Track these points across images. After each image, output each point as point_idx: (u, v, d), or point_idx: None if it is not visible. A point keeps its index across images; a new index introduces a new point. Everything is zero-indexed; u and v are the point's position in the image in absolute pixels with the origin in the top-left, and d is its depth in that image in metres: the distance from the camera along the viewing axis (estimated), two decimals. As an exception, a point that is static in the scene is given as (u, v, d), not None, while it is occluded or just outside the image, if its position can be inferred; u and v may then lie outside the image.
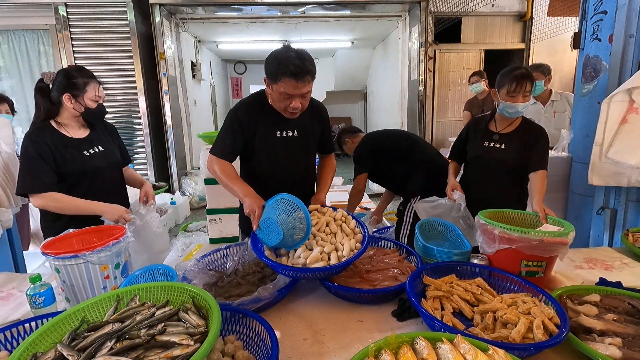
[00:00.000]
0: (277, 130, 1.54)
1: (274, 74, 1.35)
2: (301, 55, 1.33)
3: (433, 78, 5.54)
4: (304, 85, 1.35)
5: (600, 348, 0.88)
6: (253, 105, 1.53)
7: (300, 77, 1.32)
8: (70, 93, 1.54)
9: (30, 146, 1.48)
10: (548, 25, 5.13)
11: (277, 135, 1.54)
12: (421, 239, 1.44)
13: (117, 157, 1.74)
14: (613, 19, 2.09)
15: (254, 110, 1.52)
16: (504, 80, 1.72)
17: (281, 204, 1.26)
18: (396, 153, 2.28)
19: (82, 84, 1.55)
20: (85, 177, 1.58)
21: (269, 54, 1.39)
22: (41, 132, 1.53)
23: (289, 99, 1.39)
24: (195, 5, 5.05)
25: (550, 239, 1.14)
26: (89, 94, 1.57)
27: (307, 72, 1.33)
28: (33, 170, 1.47)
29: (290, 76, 1.31)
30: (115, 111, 5.11)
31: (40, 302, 1.10)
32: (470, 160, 1.94)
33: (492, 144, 1.83)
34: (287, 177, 1.60)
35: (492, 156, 1.82)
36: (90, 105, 1.59)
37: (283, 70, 1.31)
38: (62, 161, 1.52)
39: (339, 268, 1.20)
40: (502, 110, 1.75)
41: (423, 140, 2.45)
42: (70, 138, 1.58)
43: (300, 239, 1.25)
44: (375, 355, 0.76)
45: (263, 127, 1.52)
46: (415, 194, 2.24)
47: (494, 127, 1.85)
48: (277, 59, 1.34)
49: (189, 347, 0.74)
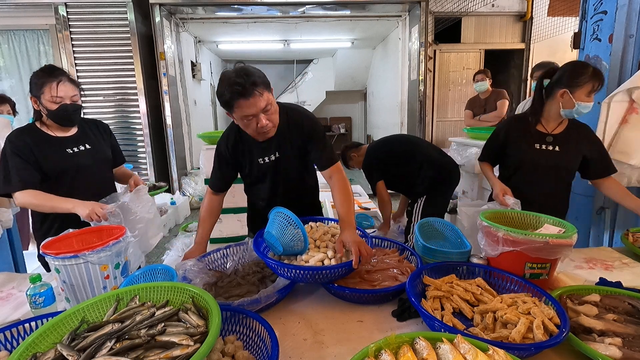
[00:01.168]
0: (259, 158, 1.49)
1: (226, 103, 1.26)
2: (240, 71, 1.23)
3: (433, 78, 5.54)
4: (256, 100, 1.23)
5: (600, 348, 0.88)
6: (229, 138, 1.50)
7: (248, 93, 1.21)
8: (33, 95, 1.51)
9: (8, 146, 1.48)
10: (548, 25, 5.13)
11: (260, 162, 1.49)
12: (421, 239, 1.44)
13: (106, 156, 1.72)
14: (613, 19, 2.09)
15: (232, 144, 1.49)
16: (583, 80, 1.57)
17: (278, 218, 1.27)
18: (398, 157, 2.32)
19: (39, 85, 1.48)
20: (67, 175, 1.57)
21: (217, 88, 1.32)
22: (21, 132, 1.53)
23: (252, 120, 1.29)
24: (195, 5, 5.05)
25: (555, 240, 1.13)
26: (45, 95, 1.48)
27: (253, 85, 1.21)
28: (9, 169, 1.46)
29: (239, 97, 1.22)
30: (115, 111, 5.12)
31: (40, 302, 1.10)
32: (518, 164, 1.78)
33: (545, 146, 1.70)
34: (289, 197, 1.57)
35: (547, 159, 1.70)
36: (49, 107, 1.49)
37: (230, 95, 1.22)
38: (43, 159, 1.51)
39: (343, 267, 1.19)
40: (575, 112, 1.61)
41: (423, 140, 2.48)
42: (52, 137, 1.57)
43: (300, 249, 1.26)
44: (375, 355, 0.75)
45: (245, 157, 1.50)
46: (422, 194, 2.27)
47: (543, 128, 1.72)
48: (221, 85, 1.25)
49: (189, 348, 0.74)
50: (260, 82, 1.24)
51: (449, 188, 2.39)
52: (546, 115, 1.72)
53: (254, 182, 1.60)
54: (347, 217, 1.34)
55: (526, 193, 1.70)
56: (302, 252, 1.26)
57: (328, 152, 1.49)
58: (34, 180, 1.49)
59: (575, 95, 1.59)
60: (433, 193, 2.29)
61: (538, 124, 1.74)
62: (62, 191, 1.54)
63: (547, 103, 1.70)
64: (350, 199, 1.41)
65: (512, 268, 1.20)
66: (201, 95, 7.09)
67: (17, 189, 1.46)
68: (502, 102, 3.72)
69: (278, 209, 1.29)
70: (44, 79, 1.49)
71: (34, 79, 1.50)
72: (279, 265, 1.20)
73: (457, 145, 3.03)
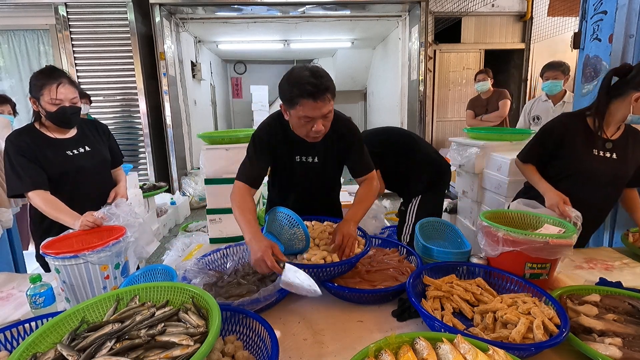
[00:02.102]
0: (297, 155, 1.45)
1: (290, 98, 1.22)
2: (316, 72, 1.20)
3: (433, 78, 5.54)
4: (323, 104, 1.22)
5: (600, 348, 0.88)
6: (274, 126, 1.43)
7: (318, 96, 1.19)
8: (32, 96, 1.51)
9: (10, 147, 1.49)
10: (548, 25, 5.13)
11: (297, 160, 1.46)
12: (421, 239, 1.44)
13: (105, 158, 1.73)
14: (613, 19, 2.09)
15: (275, 132, 1.42)
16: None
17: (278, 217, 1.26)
18: (397, 152, 2.21)
19: (39, 87, 1.48)
20: (68, 177, 1.58)
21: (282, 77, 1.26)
22: (21, 133, 1.54)
23: (309, 123, 1.25)
24: (195, 5, 5.05)
25: (556, 240, 1.13)
26: (45, 97, 1.48)
27: (326, 90, 1.20)
28: (16, 169, 1.47)
29: (308, 97, 1.18)
30: (116, 111, 5.12)
31: (40, 302, 1.10)
32: (573, 170, 1.59)
33: (603, 152, 1.53)
34: (306, 199, 1.56)
35: (605, 168, 1.53)
36: (48, 109, 1.50)
37: (299, 92, 1.19)
38: (44, 160, 1.52)
39: (343, 265, 1.20)
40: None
41: (421, 138, 2.43)
42: (52, 138, 1.58)
43: (301, 247, 1.26)
44: (375, 355, 0.76)
45: (283, 150, 1.43)
46: (418, 193, 2.23)
47: (603, 132, 1.53)
48: (291, 80, 1.22)
49: (189, 348, 0.74)
50: (332, 88, 1.23)
51: (443, 188, 2.36)
52: (608, 116, 1.52)
53: (283, 178, 1.56)
54: (354, 213, 1.38)
55: (575, 203, 1.49)
56: (302, 250, 1.26)
57: (365, 161, 1.50)
58: (43, 180, 1.50)
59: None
60: (429, 193, 2.26)
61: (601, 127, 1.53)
62: (63, 193, 1.54)
63: (613, 104, 1.49)
64: (368, 200, 1.44)
65: (512, 268, 1.20)
66: (201, 95, 7.09)
67: (30, 188, 1.47)
68: (504, 102, 3.71)
69: (279, 208, 1.29)
70: (44, 81, 1.48)
71: (33, 80, 1.50)
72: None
73: (457, 145, 3.03)
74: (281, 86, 1.26)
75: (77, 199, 1.56)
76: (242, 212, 1.30)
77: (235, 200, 1.36)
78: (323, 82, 1.19)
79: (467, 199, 3.00)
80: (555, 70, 2.98)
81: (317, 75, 1.19)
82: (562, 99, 3.06)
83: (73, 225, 1.42)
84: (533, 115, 3.26)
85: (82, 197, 1.60)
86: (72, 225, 1.43)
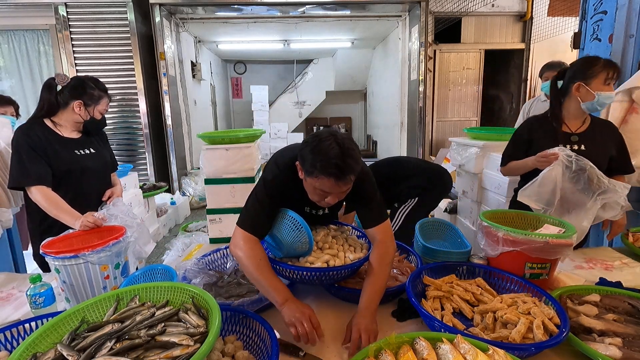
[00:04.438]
0: (306, 206, 1.36)
1: (310, 170, 1.08)
2: (346, 151, 1.06)
3: (433, 78, 5.54)
4: (344, 184, 1.10)
5: (600, 348, 0.88)
6: (286, 184, 1.23)
7: (341, 178, 1.06)
8: (83, 101, 1.60)
9: (22, 139, 1.50)
10: (548, 25, 5.13)
11: (306, 210, 1.37)
12: (421, 239, 1.44)
13: (107, 161, 1.78)
14: (613, 19, 2.09)
15: (287, 189, 1.24)
16: (595, 70, 1.54)
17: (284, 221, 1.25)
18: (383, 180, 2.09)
19: (97, 96, 1.64)
20: (73, 175, 1.60)
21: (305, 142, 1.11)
22: (33, 126, 1.56)
23: (323, 195, 1.14)
24: (195, 5, 5.05)
25: (555, 240, 1.13)
26: (100, 107, 1.66)
27: (350, 172, 1.07)
28: (24, 162, 1.48)
29: (330, 176, 1.06)
30: (116, 111, 5.12)
31: (40, 302, 1.10)
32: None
33: (570, 146, 1.63)
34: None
35: None
36: (97, 117, 1.67)
37: (321, 170, 1.06)
38: (53, 156, 1.54)
39: (346, 269, 1.19)
40: (596, 103, 1.55)
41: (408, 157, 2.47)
42: (62, 136, 1.61)
43: (303, 250, 1.25)
44: (375, 355, 0.76)
45: (293, 201, 1.28)
46: (413, 196, 2.25)
47: (567, 128, 1.67)
48: (316, 153, 1.07)
49: (189, 348, 0.74)
50: (357, 169, 1.10)
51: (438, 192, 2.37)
52: (566, 114, 1.67)
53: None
54: (370, 301, 1.11)
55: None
56: (305, 254, 1.25)
57: (376, 211, 1.27)
58: (47, 176, 1.51)
59: (592, 86, 1.54)
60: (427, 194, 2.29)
61: (561, 125, 1.68)
62: (65, 191, 1.55)
63: (566, 102, 1.66)
64: (384, 278, 1.16)
65: (512, 268, 1.20)
66: (201, 95, 7.09)
67: (33, 183, 1.48)
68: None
69: (284, 210, 1.25)
70: (102, 93, 1.66)
71: (90, 89, 1.62)
72: (285, 267, 1.18)
73: (457, 145, 3.03)
74: (303, 153, 1.11)
75: (78, 199, 1.58)
76: (261, 270, 1.11)
77: (244, 253, 1.13)
78: (350, 163, 1.06)
79: (467, 199, 3.00)
80: (554, 70, 2.97)
81: (346, 155, 1.06)
82: None
83: (73, 224, 1.43)
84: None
85: (83, 197, 1.62)
86: (72, 224, 1.43)
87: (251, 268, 1.10)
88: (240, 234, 1.17)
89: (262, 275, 1.09)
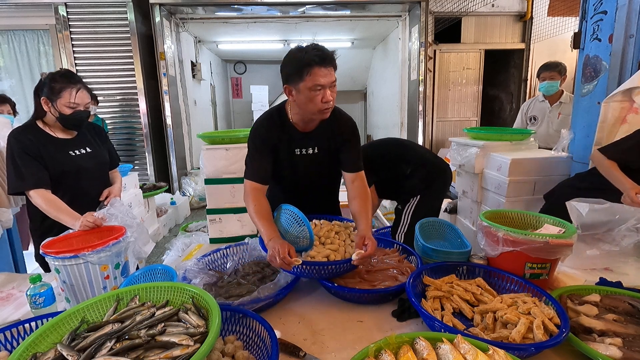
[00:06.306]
0: (296, 148, 1.46)
1: (298, 69, 1.24)
2: (317, 44, 1.28)
3: (433, 78, 5.54)
4: (330, 71, 1.27)
5: (600, 348, 0.88)
6: (272, 120, 1.43)
7: (326, 62, 1.24)
8: (46, 97, 1.53)
9: (15, 144, 1.50)
10: (548, 25, 5.13)
11: (297, 153, 1.46)
12: (421, 239, 1.44)
13: (104, 159, 1.76)
14: (613, 19, 2.09)
15: (274, 127, 1.42)
16: None
17: (284, 215, 1.26)
18: (387, 162, 2.24)
19: (57, 89, 1.52)
20: (69, 176, 1.59)
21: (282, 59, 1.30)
22: (24, 130, 1.55)
23: (319, 92, 1.27)
24: (195, 5, 5.05)
25: (556, 240, 1.13)
26: (62, 100, 1.52)
27: (331, 57, 1.27)
28: (19, 167, 1.48)
29: (317, 64, 1.22)
30: (116, 111, 5.12)
31: (40, 302, 1.10)
32: None
33: None
34: (308, 195, 1.57)
35: None
36: (63, 112, 1.54)
37: (307, 61, 1.22)
38: (48, 158, 1.53)
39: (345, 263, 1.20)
40: None
41: (415, 143, 2.43)
42: (55, 138, 1.59)
43: (305, 245, 1.26)
44: (375, 355, 0.76)
45: (283, 144, 1.43)
46: (416, 193, 2.24)
47: None
48: (295, 56, 1.26)
49: (189, 348, 0.74)
50: (335, 59, 1.29)
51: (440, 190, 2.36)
52: None
53: (282, 172, 1.54)
54: (367, 221, 1.38)
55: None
56: (307, 248, 1.27)
57: (358, 157, 1.50)
58: (45, 178, 1.50)
59: None
60: (426, 194, 2.27)
61: None
62: (63, 192, 1.55)
63: None
64: (370, 206, 1.44)
65: (512, 268, 1.20)
66: (201, 95, 7.09)
67: (31, 187, 1.48)
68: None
69: (284, 206, 1.29)
70: (63, 85, 1.52)
71: (50, 82, 1.52)
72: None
73: (457, 145, 3.02)
74: (285, 64, 1.29)
75: (76, 199, 1.57)
76: (260, 216, 1.33)
77: (250, 202, 1.37)
78: (326, 51, 1.26)
79: (467, 199, 3.00)
80: (551, 71, 2.98)
81: (319, 46, 1.27)
82: (559, 99, 3.06)
83: (73, 225, 1.43)
84: (530, 116, 3.26)
85: (81, 197, 1.61)
86: (72, 225, 1.43)
87: (252, 214, 1.34)
88: (247, 184, 1.40)
89: (259, 220, 1.31)
